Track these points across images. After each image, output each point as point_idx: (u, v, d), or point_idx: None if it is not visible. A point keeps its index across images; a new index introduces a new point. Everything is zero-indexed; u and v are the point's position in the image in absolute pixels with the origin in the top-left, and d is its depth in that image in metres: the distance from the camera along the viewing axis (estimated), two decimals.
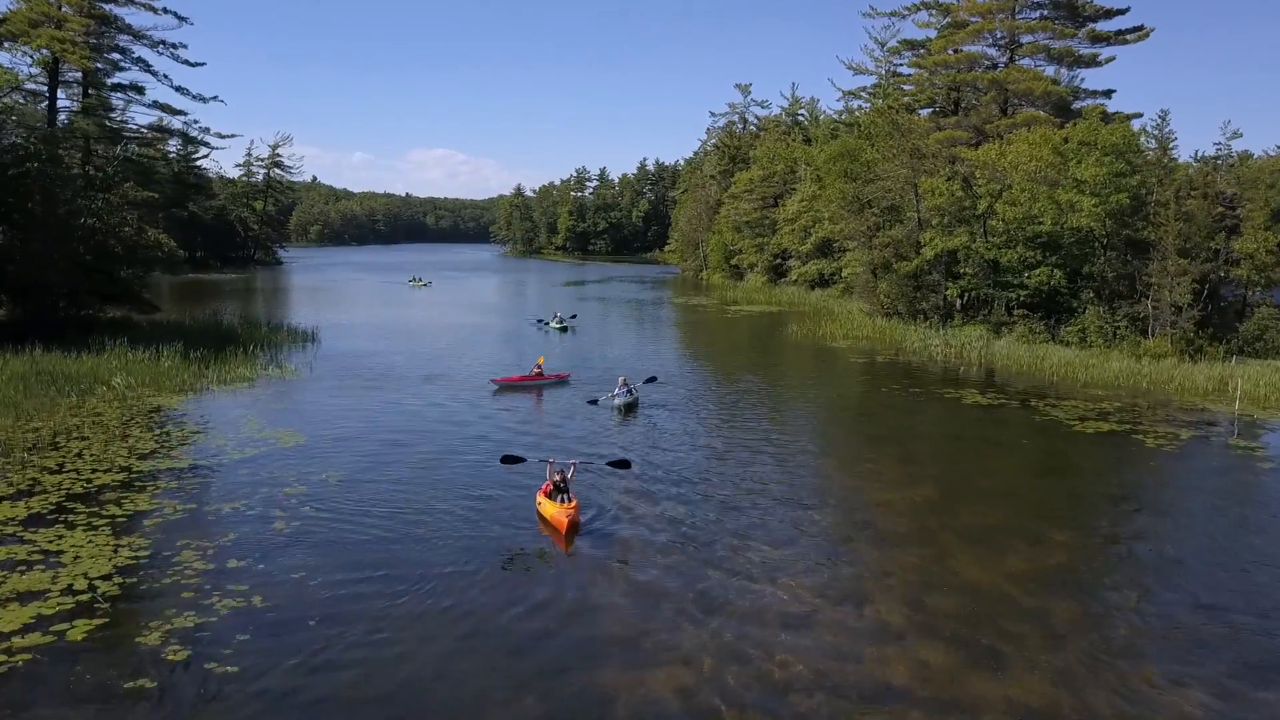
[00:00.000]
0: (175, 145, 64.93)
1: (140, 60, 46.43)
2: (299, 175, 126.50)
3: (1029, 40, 49.02)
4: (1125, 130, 39.86)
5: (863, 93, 68.48)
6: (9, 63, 40.81)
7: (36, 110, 42.55)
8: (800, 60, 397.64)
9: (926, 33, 55.64)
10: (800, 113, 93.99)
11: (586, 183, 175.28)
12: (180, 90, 49.54)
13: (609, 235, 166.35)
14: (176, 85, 48.77)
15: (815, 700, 9.56)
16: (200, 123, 75.59)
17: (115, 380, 24.70)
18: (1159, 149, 42.41)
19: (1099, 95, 50.81)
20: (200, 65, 50.80)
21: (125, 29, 45.13)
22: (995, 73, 49.20)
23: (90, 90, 45.66)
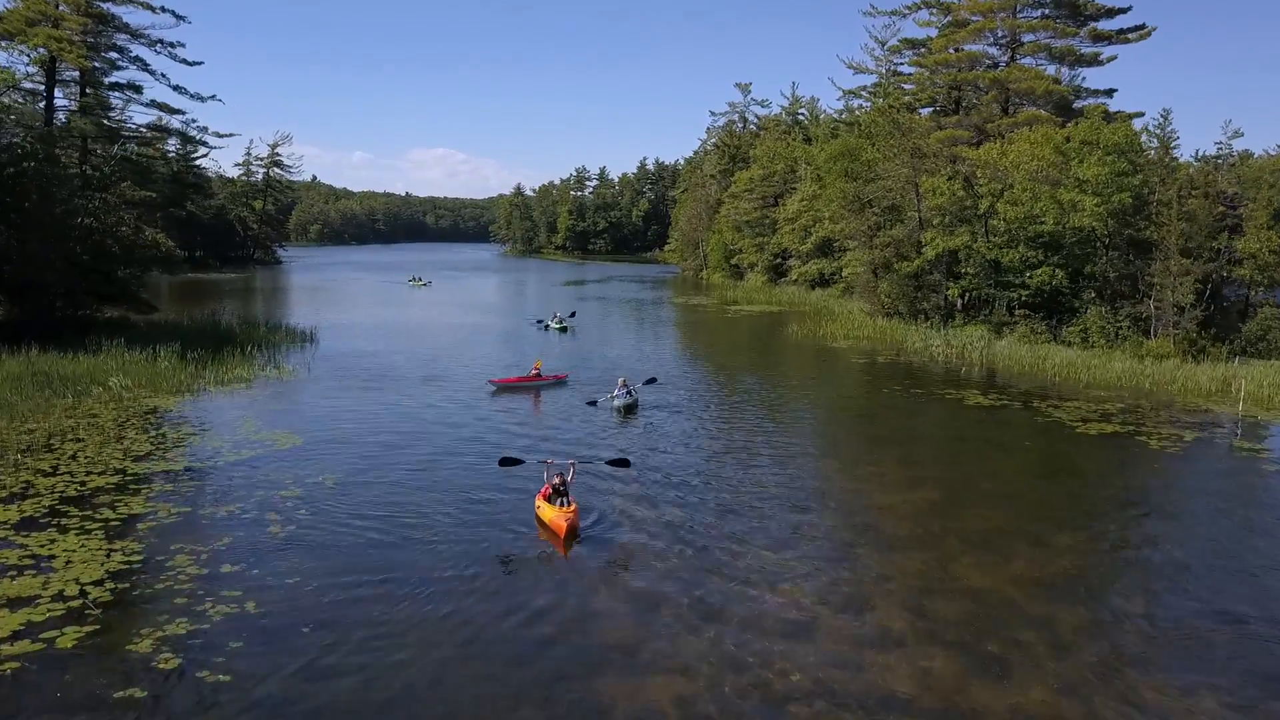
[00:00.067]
0: (174, 145, 64.90)
1: (138, 59, 46.27)
2: (298, 174, 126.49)
3: (1030, 39, 48.83)
4: (1127, 129, 39.69)
5: (863, 92, 68.42)
6: (6, 62, 40.82)
7: (35, 110, 42.43)
8: (800, 59, 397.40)
9: (927, 31, 55.51)
10: (800, 112, 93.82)
11: (586, 182, 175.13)
12: (178, 89, 49.36)
13: (609, 235, 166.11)
14: (174, 84, 48.58)
15: (815, 709, 9.39)
16: (198, 122, 75.61)
17: (112, 381, 24.53)
18: (1161, 148, 42.21)
19: (1100, 94, 50.62)
20: (198, 64, 50.55)
21: (123, 28, 44.93)
22: (996, 72, 48.98)
23: (88, 89, 45.48)
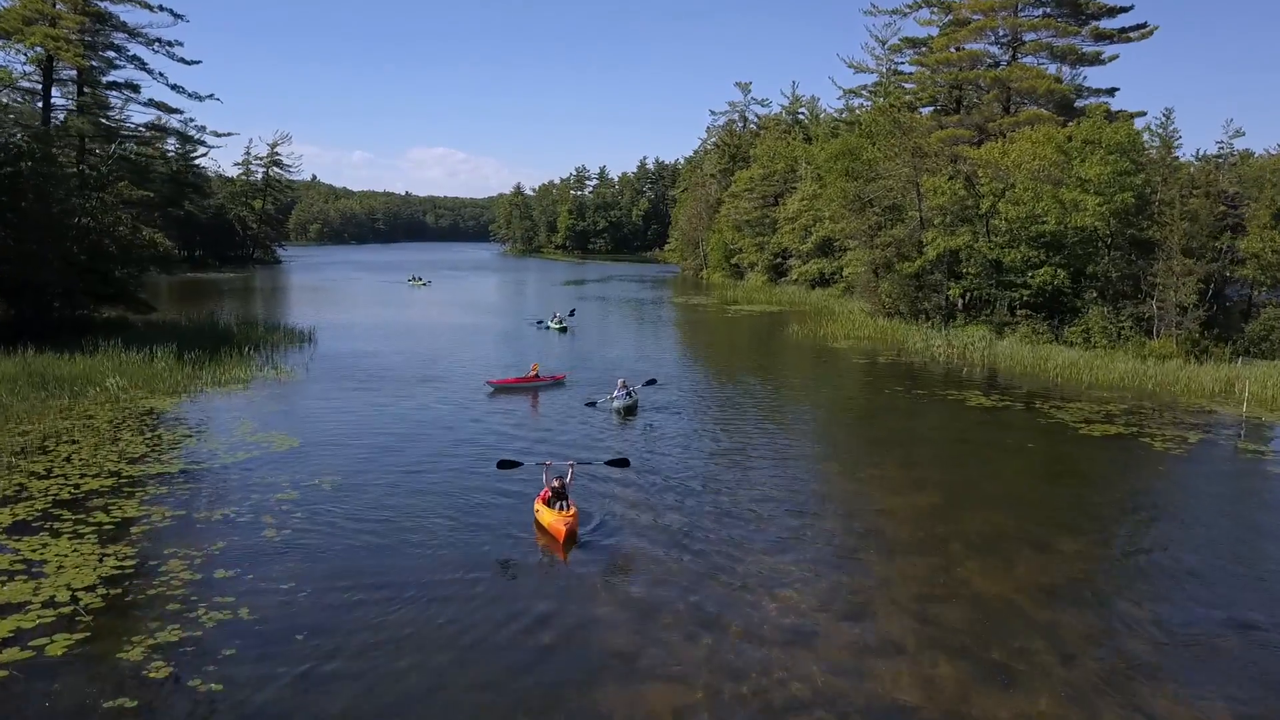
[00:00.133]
0: (173, 144, 64.80)
1: (136, 58, 46.05)
2: (298, 174, 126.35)
3: (1032, 38, 48.63)
4: (1129, 129, 39.52)
5: (864, 91, 68.21)
6: (3, 61, 40.46)
7: (33, 109, 42.25)
8: (801, 59, 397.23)
9: (928, 30, 55.30)
10: (800, 111, 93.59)
11: (586, 181, 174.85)
12: (176, 88, 49.15)
13: (609, 234, 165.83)
14: (172, 83, 48.34)
15: (817, 719, 9.22)
16: (196, 121, 75.56)
17: (108, 382, 24.37)
18: (1163, 147, 42.04)
19: (1102, 93, 50.39)
20: (196, 63, 50.42)
21: (120, 26, 44.72)
22: (998, 71, 48.78)
23: (85, 88, 45.27)
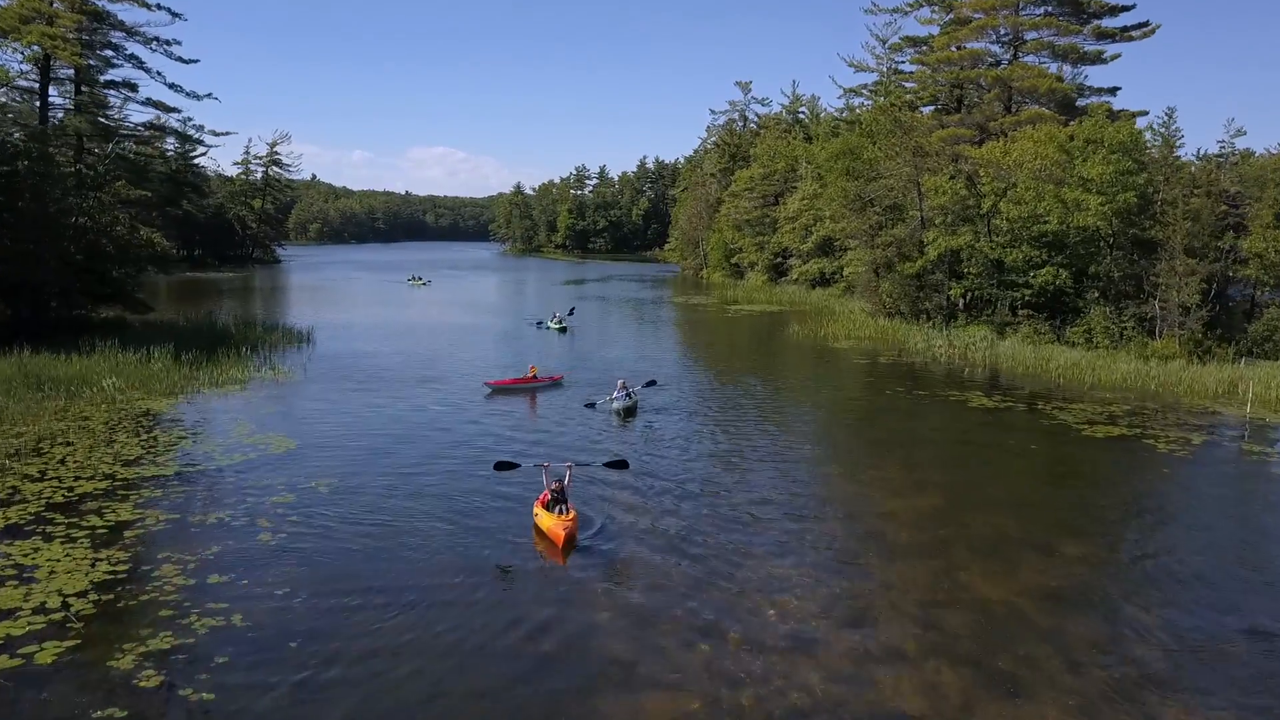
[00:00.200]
0: (172, 144, 64.65)
1: (133, 57, 45.87)
2: (297, 173, 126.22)
3: (1033, 37, 48.45)
4: (1131, 128, 39.35)
5: (864, 90, 67.91)
6: (0, 59, 40.29)
7: (31, 108, 42.09)
8: (801, 58, 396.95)
9: (929, 29, 55.16)
10: (801, 110, 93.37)
11: (586, 181, 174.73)
12: (174, 87, 48.96)
13: (608, 233, 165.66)
14: (170, 82, 48.20)
15: None
16: (194, 120, 75.38)
17: (105, 383, 24.20)
18: (1165, 146, 41.86)
19: (1104, 92, 50.21)
20: (194, 62, 50.28)
21: (118, 25, 44.52)
22: (999, 70, 48.61)
23: (83, 87, 45.09)
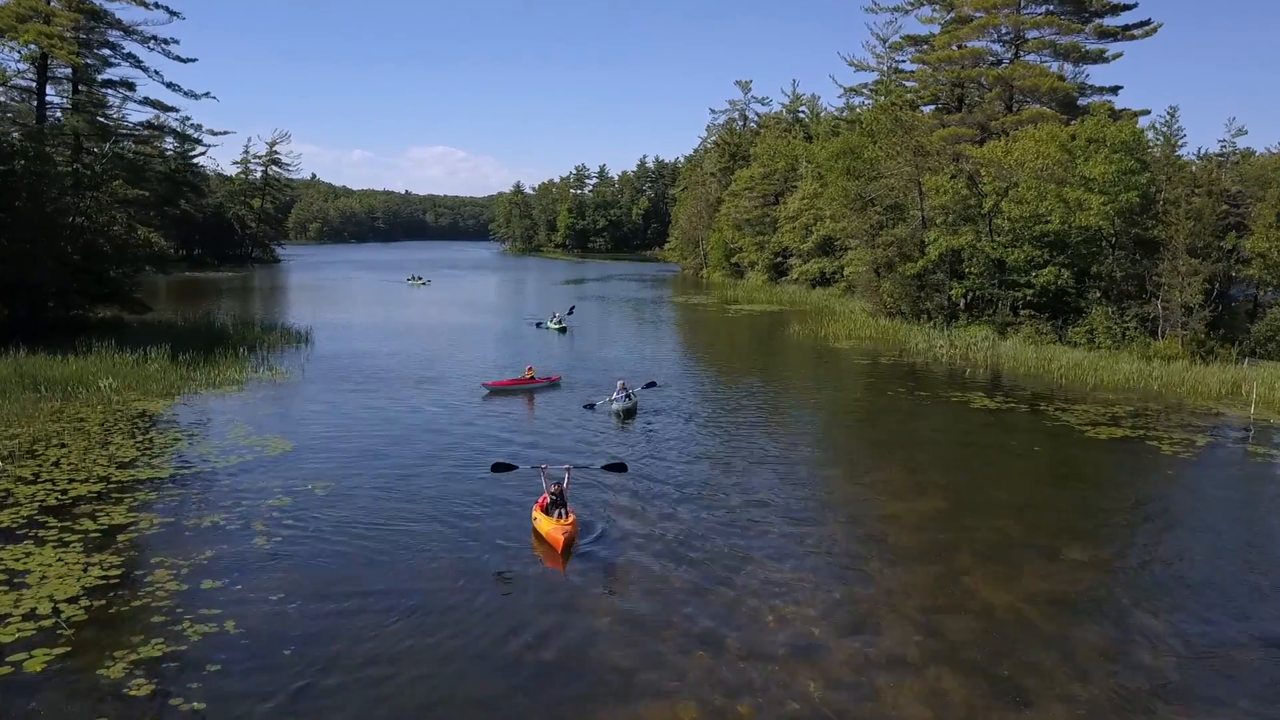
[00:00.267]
0: (171, 143, 64.46)
1: (131, 56, 45.76)
2: (297, 172, 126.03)
3: (1034, 35, 48.27)
4: (1133, 127, 39.18)
5: (865, 89, 67.68)
6: None
7: (29, 107, 41.92)
8: (801, 57, 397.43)
9: (930, 28, 54.98)
10: (801, 110, 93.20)
11: (586, 180, 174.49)
12: (171, 86, 48.80)
13: (608, 233, 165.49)
14: (168, 81, 48.22)
15: None
16: (192, 119, 75.18)
17: (101, 384, 24.04)
18: (1166, 145, 41.67)
19: (1105, 91, 50.05)
20: (192, 61, 50.31)
21: (115, 24, 44.37)
22: (1000, 69, 48.46)
23: (80, 86, 44.93)
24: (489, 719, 9.13)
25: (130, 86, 47.19)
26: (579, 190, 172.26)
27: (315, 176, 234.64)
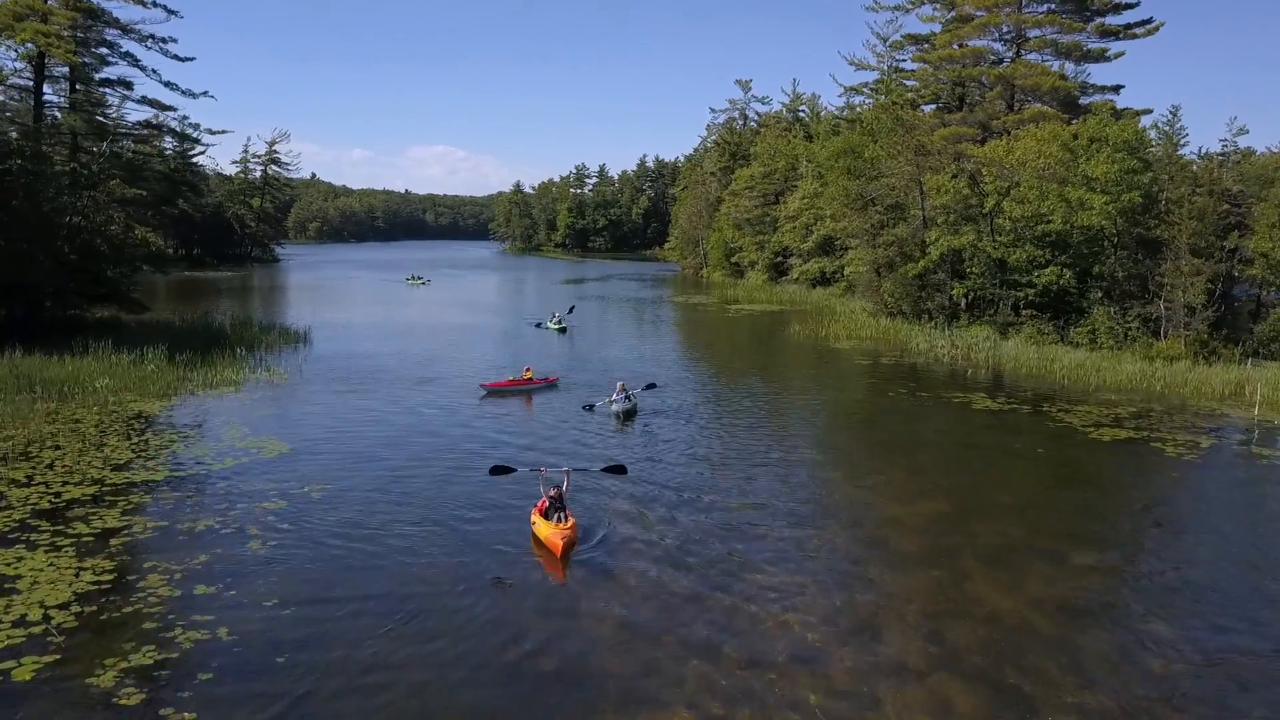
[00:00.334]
0: (170, 142, 64.29)
1: (128, 55, 45.58)
2: (296, 172, 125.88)
3: (1036, 34, 48.13)
4: (1135, 126, 39.02)
5: (865, 88, 67.53)
6: None
7: (26, 106, 41.75)
8: (801, 56, 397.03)
9: (930, 27, 54.85)
10: (801, 109, 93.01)
11: (586, 179, 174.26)
12: (169, 85, 48.57)
13: (608, 232, 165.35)
14: (166, 80, 48.10)
15: None
16: (189, 118, 75.01)
17: (97, 384, 23.88)
18: (1168, 144, 41.52)
19: (1107, 90, 49.91)
20: (190, 60, 50.29)
21: (113, 22, 44.20)
22: (1001, 68, 48.31)
23: (78, 85, 44.77)
24: None
25: (128, 85, 47.08)
26: (579, 190, 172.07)
27: (315, 176, 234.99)
